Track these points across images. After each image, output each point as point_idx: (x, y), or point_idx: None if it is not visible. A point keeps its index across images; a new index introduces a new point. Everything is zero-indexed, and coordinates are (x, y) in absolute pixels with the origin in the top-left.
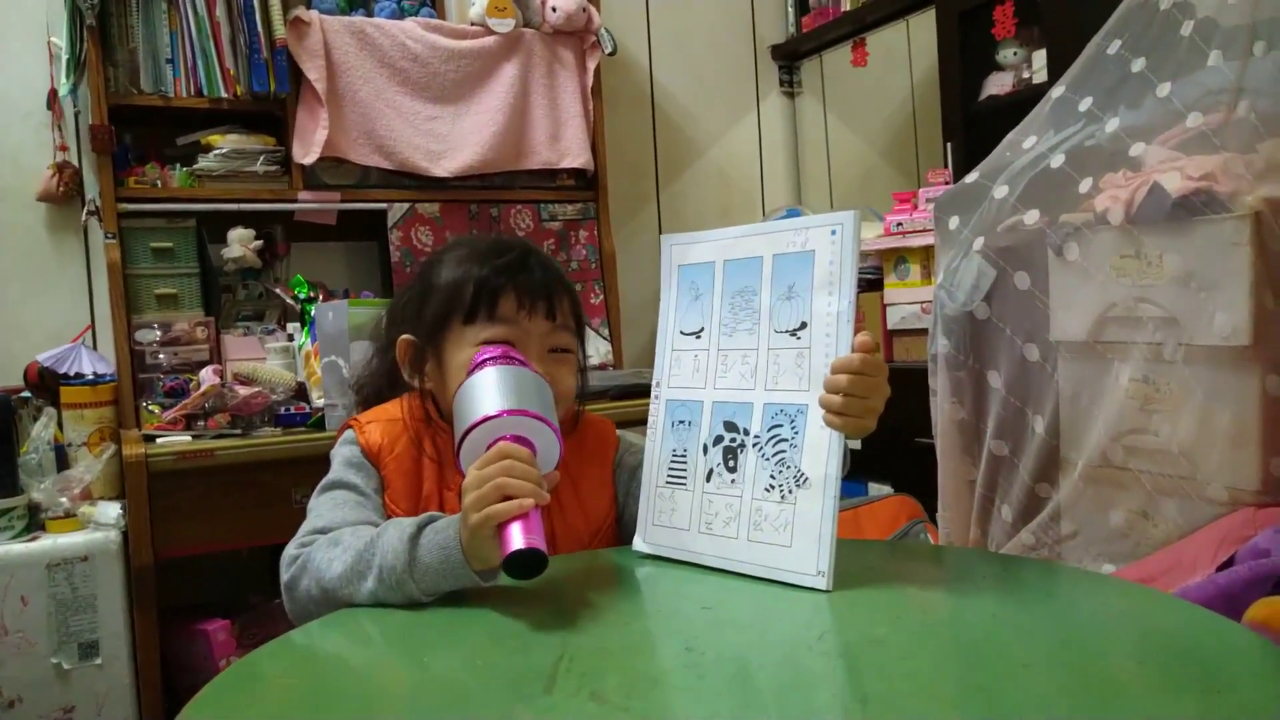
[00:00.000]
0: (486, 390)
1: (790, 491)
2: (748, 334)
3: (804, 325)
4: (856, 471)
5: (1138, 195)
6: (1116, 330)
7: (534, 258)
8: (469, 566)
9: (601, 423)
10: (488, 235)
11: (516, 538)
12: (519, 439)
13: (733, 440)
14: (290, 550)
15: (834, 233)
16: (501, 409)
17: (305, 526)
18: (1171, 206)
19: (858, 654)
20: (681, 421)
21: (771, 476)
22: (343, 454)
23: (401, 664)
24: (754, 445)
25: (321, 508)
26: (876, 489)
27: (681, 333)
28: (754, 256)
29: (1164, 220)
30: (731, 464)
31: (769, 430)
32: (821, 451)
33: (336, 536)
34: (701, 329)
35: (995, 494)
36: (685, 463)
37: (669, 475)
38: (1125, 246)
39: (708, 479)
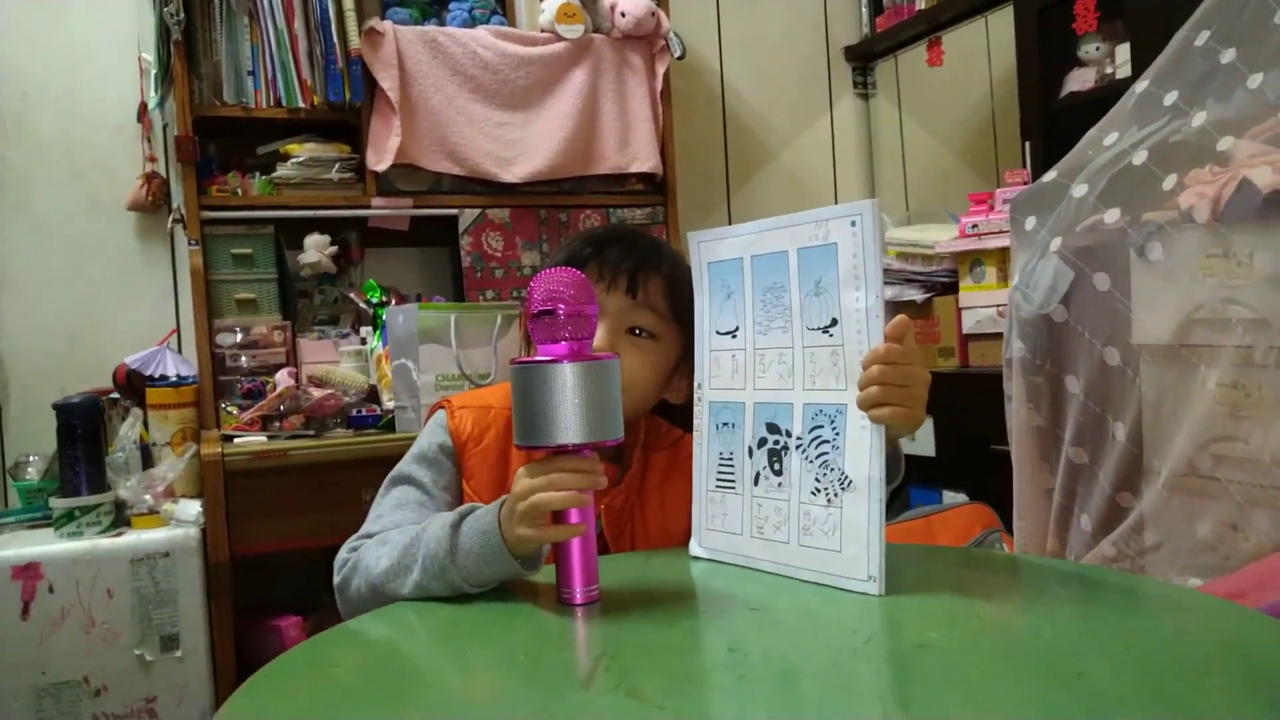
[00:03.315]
0: (565, 403)
1: (836, 495)
2: (781, 332)
3: (834, 322)
4: (931, 479)
5: (1225, 191)
6: (1203, 333)
7: (631, 234)
8: (508, 550)
9: None
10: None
11: (576, 590)
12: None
13: (776, 442)
14: (342, 554)
15: (853, 224)
16: (580, 440)
17: (365, 525)
18: (1262, 203)
19: (904, 659)
20: (725, 424)
21: (816, 479)
22: (424, 441)
23: (445, 658)
24: (797, 447)
25: (384, 506)
26: (951, 497)
27: (717, 332)
28: (779, 251)
29: (1253, 217)
30: (777, 467)
31: (810, 431)
32: (864, 453)
33: (385, 536)
34: (736, 328)
35: (1074, 503)
36: (733, 466)
37: (718, 479)
38: (1212, 245)
39: (755, 482)
